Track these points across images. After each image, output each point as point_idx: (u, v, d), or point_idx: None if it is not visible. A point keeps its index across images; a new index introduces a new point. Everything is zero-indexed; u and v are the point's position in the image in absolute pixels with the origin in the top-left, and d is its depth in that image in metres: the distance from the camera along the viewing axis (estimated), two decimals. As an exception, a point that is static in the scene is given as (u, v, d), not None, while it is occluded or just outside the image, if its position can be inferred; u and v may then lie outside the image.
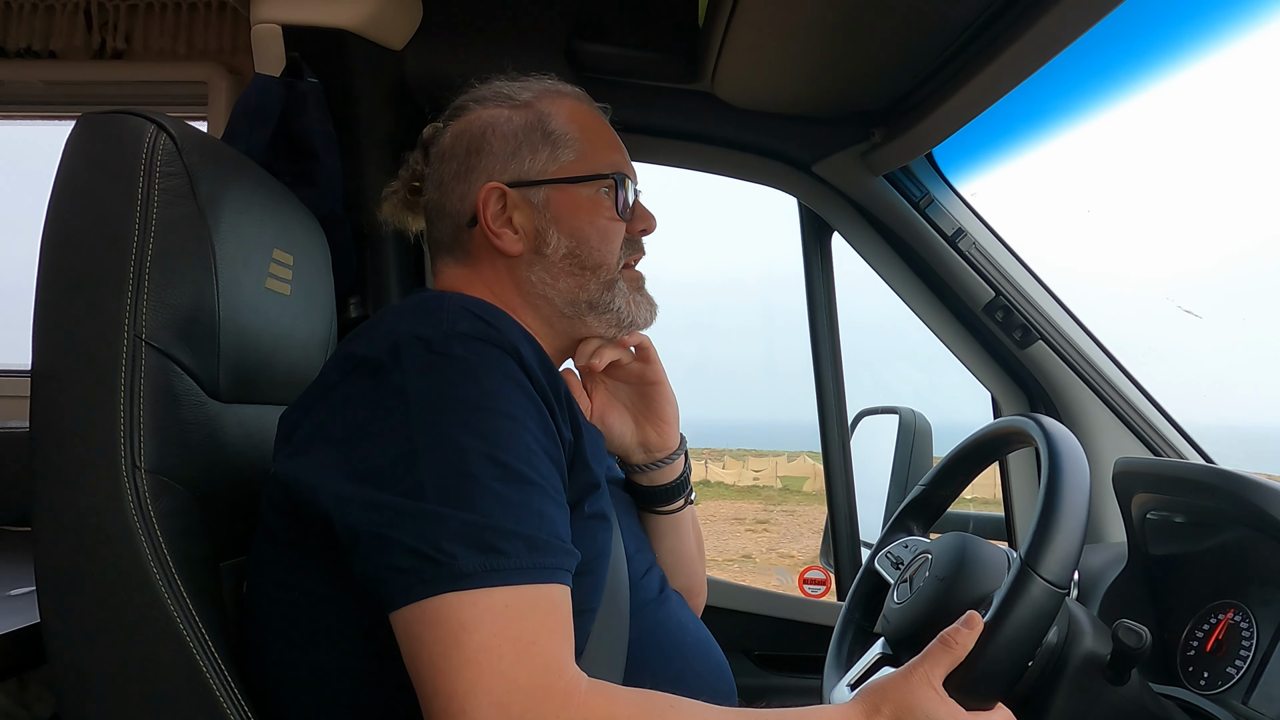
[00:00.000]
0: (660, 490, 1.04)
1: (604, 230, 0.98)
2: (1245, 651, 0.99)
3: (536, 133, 0.98)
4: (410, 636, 0.71)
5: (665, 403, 1.03)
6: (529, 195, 0.97)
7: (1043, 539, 0.78)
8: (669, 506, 1.04)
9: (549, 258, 0.97)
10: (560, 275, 0.97)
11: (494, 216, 0.96)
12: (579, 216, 0.97)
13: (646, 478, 1.05)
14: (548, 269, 0.97)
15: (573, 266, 0.97)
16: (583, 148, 0.99)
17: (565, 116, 0.99)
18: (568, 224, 0.97)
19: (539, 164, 0.97)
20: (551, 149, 0.98)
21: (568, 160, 0.98)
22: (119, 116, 0.90)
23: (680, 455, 1.04)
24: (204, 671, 0.83)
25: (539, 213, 0.97)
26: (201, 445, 0.92)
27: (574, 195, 0.98)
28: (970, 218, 1.62)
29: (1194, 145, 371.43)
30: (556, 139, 0.98)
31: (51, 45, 1.87)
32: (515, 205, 0.97)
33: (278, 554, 0.84)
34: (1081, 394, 1.60)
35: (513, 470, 0.74)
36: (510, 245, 0.97)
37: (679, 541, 1.08)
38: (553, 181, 0.97)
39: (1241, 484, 0.99)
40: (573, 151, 0.98)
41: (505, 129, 0.98)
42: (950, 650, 0.77)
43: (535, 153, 0.97)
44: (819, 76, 1.46)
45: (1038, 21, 1.08)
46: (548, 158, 0.97)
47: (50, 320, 0.86)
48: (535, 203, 0.97)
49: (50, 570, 0.83)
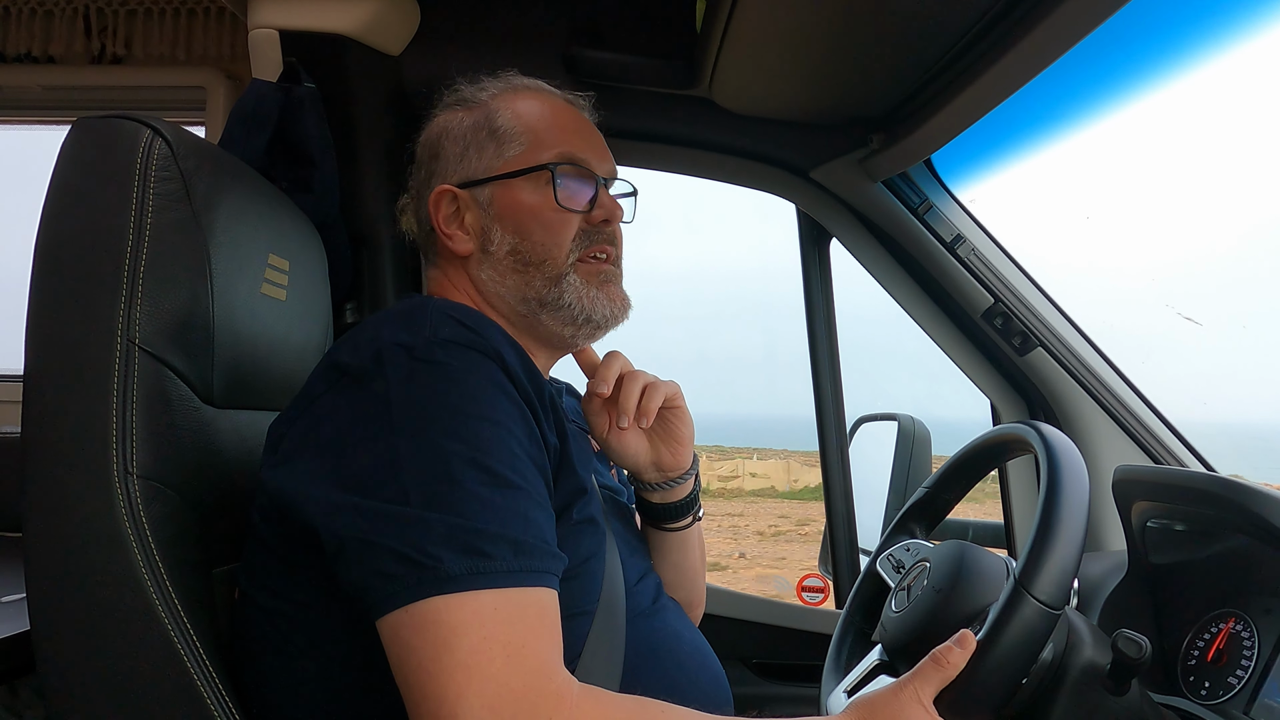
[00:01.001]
0: (670, 508, 1.04)
1: (547, 223, 0.96)
2: (1246, 661, 0.98)
3: (483, 131, 0.98)
4: (398, 642, 0.70)
5: (683, 425, 1.02)
6: (476, 194, 0.98)
7: (1038, 558, 0.78)
8: (678, 524, 1.04)
9: (494, 255, 0.97)
10: (507, 273, 0.97)
11: (446, 219, 0.98)
12: (520, 211, 0.96)
13: (659, 495, 1.04)
14: (495, 267, 0.97)
15: (516, 263, 0.96)
16: (530, 139, 0.98)
17: (514, 111, 0.99)
18: (510, 220, 0.96)
19: (485, 162, 0.98)
20: (496, 145, 0.98)
21: (514, 154, 0.97)
22: (114, 121, 0.90)
23: (692, 475, 1.03)
24: (194, 678, 0.82)
25: (484, 211, 0.98)
26: (194, 451, 0.91)
27: (516, 190, 0.97)
28: (969, 224, 1.62)
29: (1193, 151, 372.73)
30: (501, 135, 0.98)
31: (50, 50, 1.87)
32: (466, 206, 0.98)
33: (267, 561, 0.83)
34: (1081, 401, 1.60)
35: (497, 475, 0.74)
36: (460, 246, 0.97)
37: (684, 557, 1.07)
38: (496, 179, 0.97)
39: (1243, 492, 0.98)
40: (518, 145, 0.98)
41: (456, 131, 1.00)
42: (941, 669, 0.76)
43: (481, 151, 0.98)
44: (817, 82, 1.45)
45: (1035, 28, 1.08)
46: (493, 154, 0.98)
47: (43, 324, 0.86)
48: (481, 201, 0.98)
49: (41, 576, 0.82)
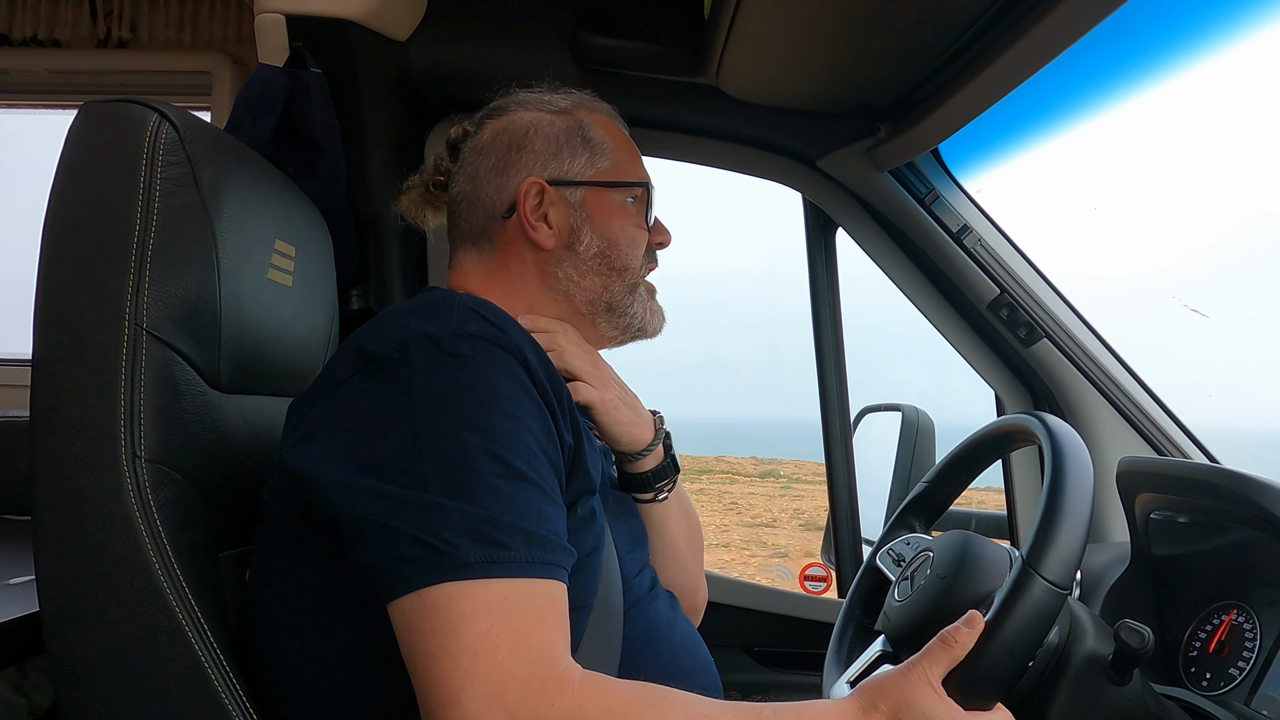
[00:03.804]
0: (635, 478, 1.08)
1: (632, 236, 1.05)
2: (1248, 653, 0.99)
3: (577, 138, 1.04)
4: (408, 626, 0.71)
5: (602, 429, 1.05)
6: (566, 194, 1.03)
7: (1045, 539, 0.78)
8: (644, 495, 1.08)
9: (580, 255, 1.02)
10: (588, 273, 1.03)
11: (532, 210, 1.01)
12: (611, 220, 1.04)
13: (627, 466, 1.08)
14: (576, 265, 1.02)
15: (601, 266, 1.03)
16: (617, 157, 1.06)
17: (602, 128, 1.07)
18: (601, 225, 1.03)
19: (577, 166, 1.04)
20: (590, 154, 1.04)
21: (604, 167, 1.05)
22: (121, 105, 0.90)
23: (649, 453, 1.06)
24: (202, 661, 0.83)
25: (575, 211, 1.03)
26: (202, 435, 0.92)
27: (608, 199, 1.04)
28: (976, 214, 1.61)
29: (1203, 141, 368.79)
30: (595, 146, 1.05)
31: (57, 34, 1.87)
32: (552, 202, 1.02)
33: (280, 543, 0.84)
34: (1086, 392, 1.60)
35: (514, 468, 0.75)
36: (544, 239, 1.01)
37: (663, 535, 1.10)
38: (590, 184, 1.03)
39: (1247, 484, 0.98)
40: (608, 160, 1.05)
41: (548, 130, 1.04)
42: (950, 649, 0.77)
43: (575, 156, 1.04)
44: (825, 71, 1.45)
45: (1045, 17, 1.07)
46: (585, 162, 1.04)
47: (51, 309, 0.86)
48: (572, 202, 1.03)
49: (49, 559, 0.83)
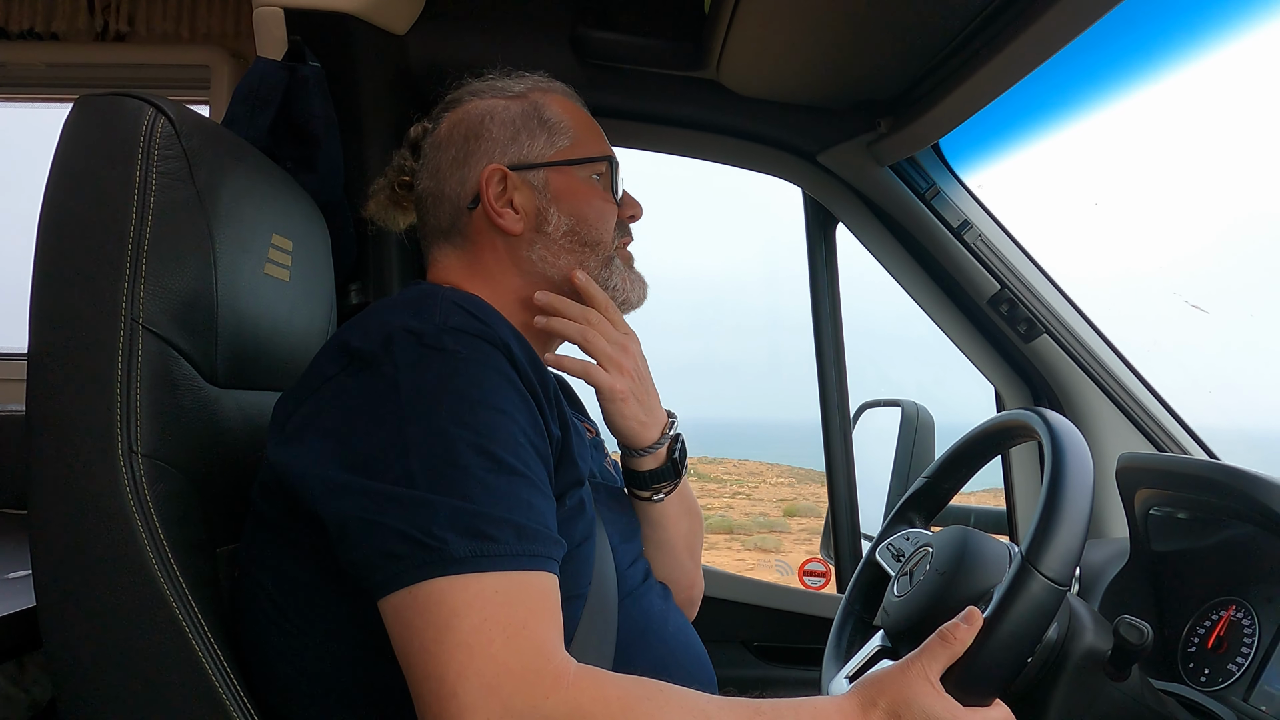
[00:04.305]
0: (636, 476, 1.06)
1: (600, 210, 1.04)
2: (1246, 648, 0.99)
3: (534, 120, 1.04)
4: (400, 622, 0.71)
5: (613, 423, 1.03)
6: (529, 177, 1.02)
7: (1044, 535, 0.78)
8: (643, 493, 1.06)
9: (550, 235, 1.02)
10: (561, 252, 1.02)
11: (496, 197, 1.01)
12: (577, 197, 1.03)
13: (628, 460, 1.07)
14: (548, 246, 1.02)
15: (573, 243, 1.02)
16: (576, 135, 1.05)
17: (558, 107, 1.06)
18: (567, 204, 1.02)
19: (537, 148, 1.03)
20: (548, 135, 1.04)
21: (563, 146, 1.04)
22: (117, 99, 0.89)
23: (649, 454, 1.04)
24: (199, 656, 0.82)
25: (539, 193, 1.02)
26: (199, 430, 0.91)
27: (572, 177, 1.03)
28: (976, 210, 1.61)
29: (1205, 137, 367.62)
30: (552, 126, 1.04)
31: (54, 27, 1.86)
32: (516, 187, 1.02)
33: (268, 540, 0.84)
34: (1086, 388, 1.60)
35: (501, 461, 0.75)
36: (512, 224, 1.01)
37: (659, 531, 1.08)
38: (552, 164, 1.03)
39: (1246, 480, 0.98)
40: (567, 138, 1.04)
41: (503, 116, 1.04)
42: (949, 645, 0.76)
43: (534, 138, 1.03)
44: (825, 66, 1.44)
45: (1046, 12, 1.07)
46: (545, 143, 1.03)
47: (47, 303, 0.85)
48: (535, 184, 1.02)
49: (46, 554, 0.83)
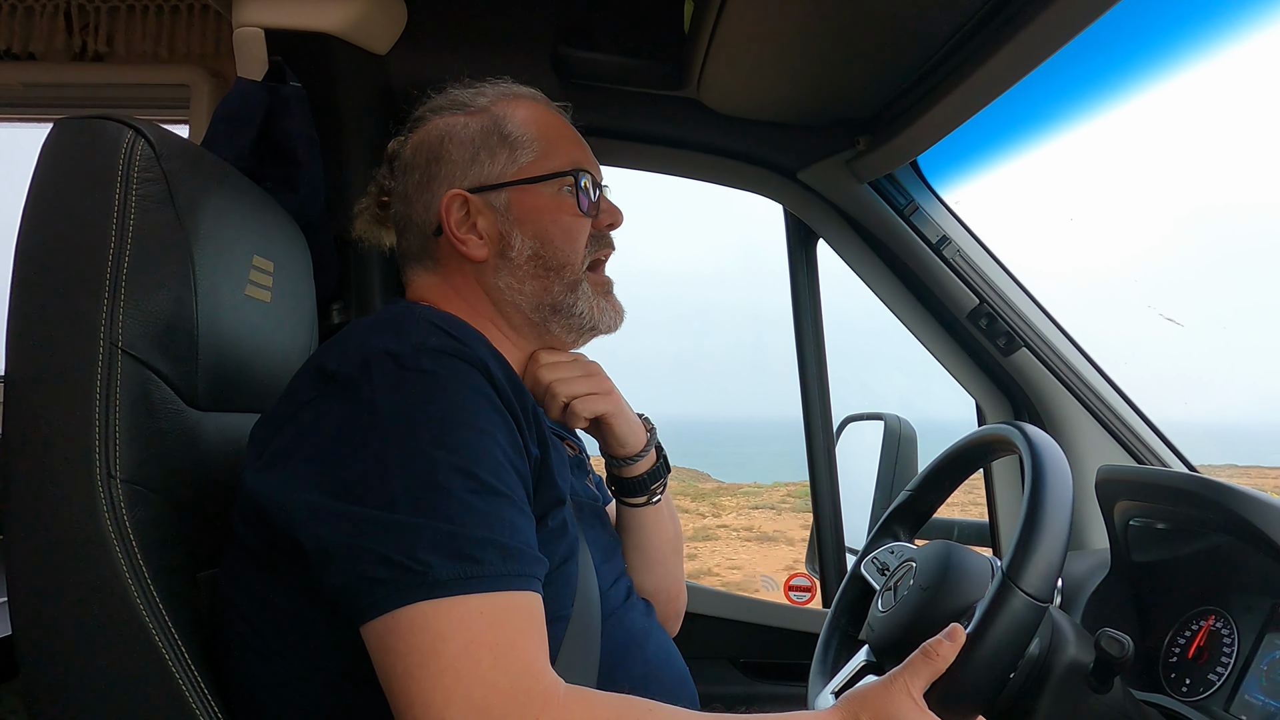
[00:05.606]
0: (625, 482, 1.07)
1: (567, 228, 0.98)
2: (1226, 658, 1.00)
3: (493, 136, 0.98)
4: (384, 648, 0.70)
5: (613, 434, 1.04)
6: (491, 199, 0.97)
7: (1025, 552, 0.78)
8: (633, 500, 1.07)
9: (514, 261, 0.97)
10: (526, 278, 0.97)
11: (458, 223, 0.97)
12: (542, 217, 0.97)
13: (615, 468, 1.07)
14: (513, 273, 0.97)
15: (537, 268, 0.97)
16: (541, 147, 0.99)
17: (521, 118, 1.00)
18: (531, 225, 0.97)
19: (498, 167, 0.98)
20: (509, 151, 0.98)
21: (527, 161, 0.98)
22: (96, 122, 0.89)
23: (640, 458, 1.05)
24: (179, 683, 0.81)
25: (501, 216, 0.97)
26: (179, 454, 0.90)
27: (535, 195, 0.98)
28: (955, 225, 1.63)
29: (1178, 152, 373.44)
30: (514, 141, 0.98)
31: (31, 47, 1.85)
32: (479, 210, 0.97)
33: (249, 566, 0.83)
34: (1065, 401, 1.61)
35: (483, 482, 0.75)
36: (475, 251, 0.97)
37: (644, 538, 1.09)
38: (513, 184, 0.98)
39: (1223, 492, 0.99)
40: (531, 152, 0.98)
41: (462, 135, 0.99)
42: (931, 662, 0.77)
43: (494, 156, 0.98)
44: (804, 84, 1.46)
45: (1021, 32, 1.09)
46: (506, 160, 0.98)
47: (25, 326, 0.85)
48: (497, 206, 0.97)
49: (23, 580, 0.82)
